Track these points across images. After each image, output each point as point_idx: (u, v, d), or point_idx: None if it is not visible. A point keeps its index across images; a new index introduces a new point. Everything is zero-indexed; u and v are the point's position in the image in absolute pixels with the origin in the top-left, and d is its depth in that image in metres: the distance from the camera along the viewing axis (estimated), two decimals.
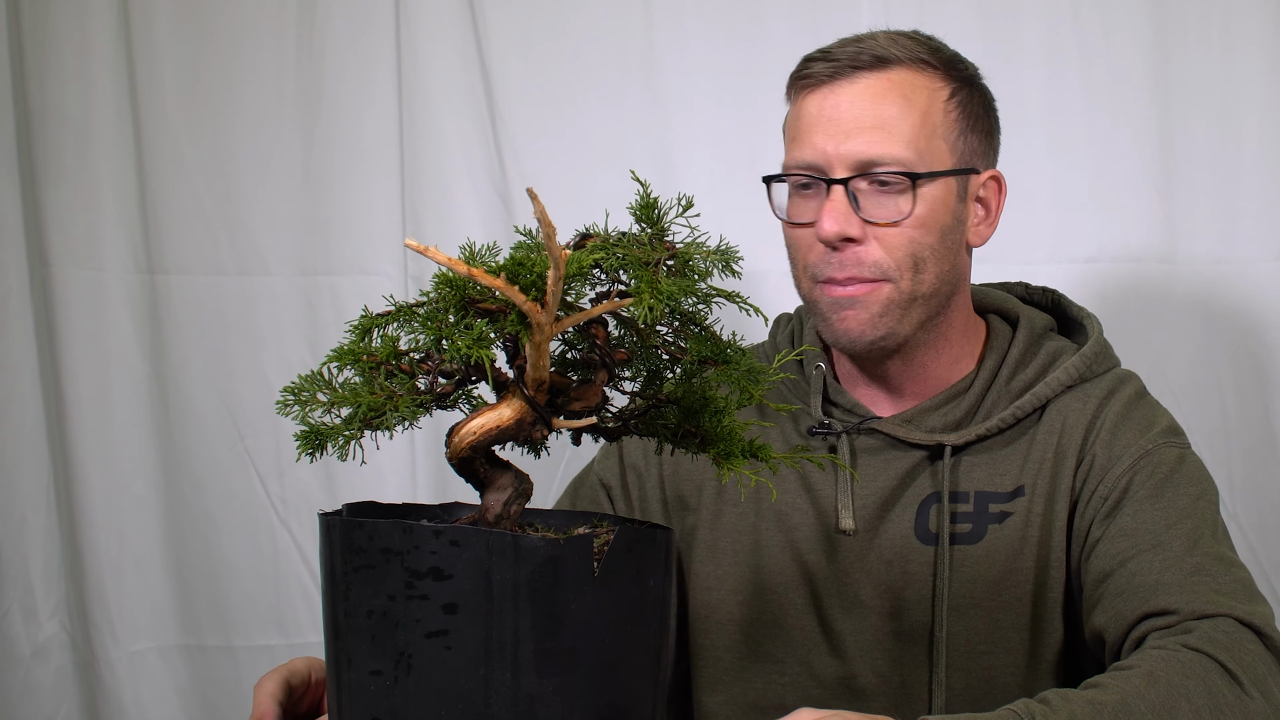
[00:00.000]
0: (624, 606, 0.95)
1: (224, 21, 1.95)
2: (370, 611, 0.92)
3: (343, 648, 0.94)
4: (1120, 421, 1.36)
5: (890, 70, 1.33)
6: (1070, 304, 1.49)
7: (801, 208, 1.36)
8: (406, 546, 0.91)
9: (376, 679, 0.92)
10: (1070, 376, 1.38)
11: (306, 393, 0.94)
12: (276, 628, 2.02)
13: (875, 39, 1.35)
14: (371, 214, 1.97)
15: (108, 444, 1.97)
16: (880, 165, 1.30)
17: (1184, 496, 1.31)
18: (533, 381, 0.93)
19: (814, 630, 1.41)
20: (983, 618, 1.36)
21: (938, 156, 1.33)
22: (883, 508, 1.39)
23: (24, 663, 1.95)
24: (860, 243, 1.31)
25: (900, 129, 1.31)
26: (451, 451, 0.96)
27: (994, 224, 1.41)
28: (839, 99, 1.32)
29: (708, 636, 1.45)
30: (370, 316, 0.96)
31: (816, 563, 1.40)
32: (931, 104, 1.33)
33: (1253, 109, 1.84)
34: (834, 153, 1.31)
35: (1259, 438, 1.87)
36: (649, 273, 0.92)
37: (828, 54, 1.35)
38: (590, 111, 1.94)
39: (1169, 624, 1.20)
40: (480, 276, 0.86)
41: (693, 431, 1.01)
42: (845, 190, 1.31)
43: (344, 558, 0.93)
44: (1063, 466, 1.36)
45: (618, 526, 1.00)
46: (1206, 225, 1.86)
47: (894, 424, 1.39)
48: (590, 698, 0.94)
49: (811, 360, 1.44)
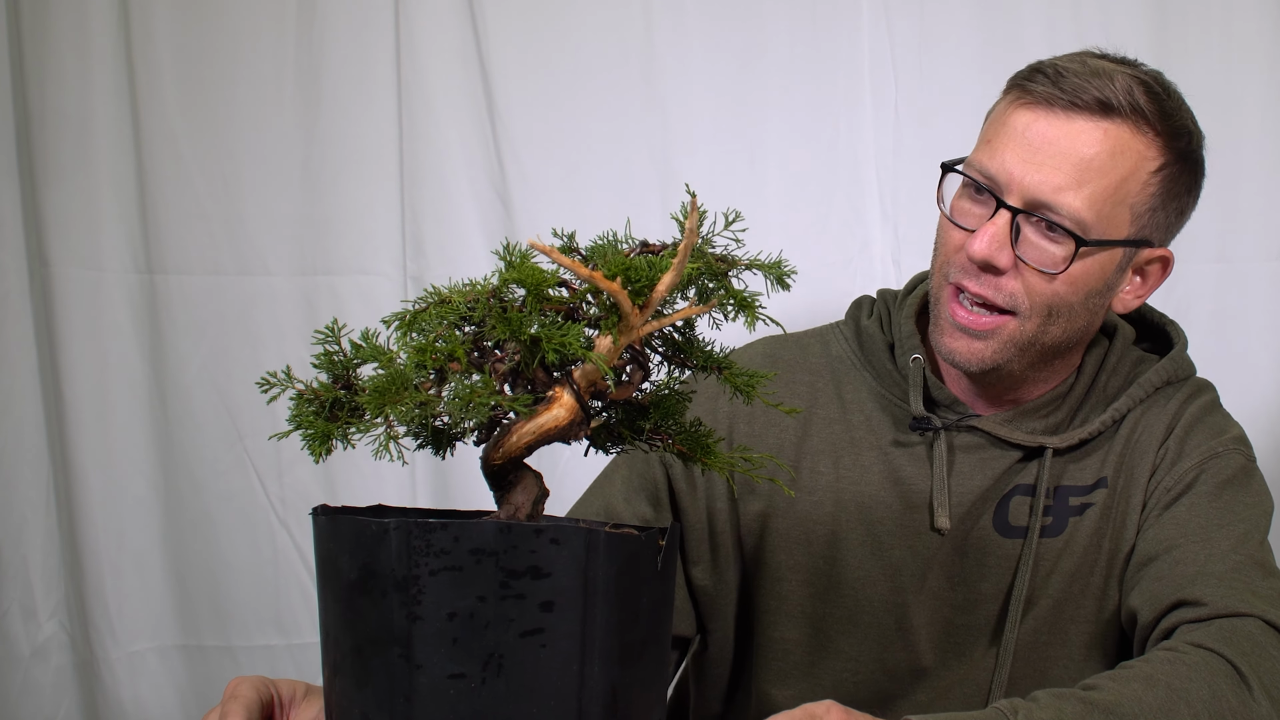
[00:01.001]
0: (668, 599, 1.00)
1: (224, 21, 1.95)
2: (453, 614, 0.91)
3: (406, 654, 0.92)
4: (1195, 424, 1.37)
5: (1110, 120, 1.27)
6: (1152, 311, 1.48)
7: (966, 210, 1.32)
8: (503, 546, 0.91)
9: (458, 682, 0.92)
10: (1160, 379, 1.39)
11: (390, 392, 0.93)
12: (276, 628, 2.02)
13: (1112, 80, 1.27)
14: (371, 214, 1.97)
15: (107, 444, 1.97)
16: (1055, 212, 1.26)
17: (1241, 504, 1.32)
18: (585, 382, 0.95)
19: (890, 627, 1.39)
20: (1049, 609, 1.36)
21: (1116, 224, 1.29)
22: (975, 507, 1.38)
23: (24, 663, 1.95)
24: (1004, 274, 1.29)
25: (1091, 185, 1.26)
26: (504, 451, 0.97)
27: (1144, 298, 1.37)
28: (1045, 128, 1.27)
29: (777, 629, 1.43)
30: (415, 312, 0.95)
31: (901, 558, 1.38)
32: (1136, 171, 1.28)
33: (1253, 109, 1.84)
34: (1018, 179, 1.27)
35: (1260, 438, 1.87)
36: (728, 282, 0.96)
37: (1059, 76, 1.28)
38: (590, 111, 1.94)
39: (1198, 616, 1.21)
40: (600, 281, 0.90)
41: (661, 432, 1.03)
42: (1011, 219, 1.27)
43: (413, 560, 0.91)
44: (1141, 462, 1.36)
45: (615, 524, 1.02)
46: (1206, 225, 1.86)
47: (995, 423, 1.37)
48: (651, 685, 0.98)
49: (907, 351, 1.40)
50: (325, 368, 0.97)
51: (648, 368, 1.00)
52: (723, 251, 0.99)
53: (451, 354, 0.92)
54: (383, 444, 0.93)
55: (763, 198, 1.93)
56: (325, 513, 0.98)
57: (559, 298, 0.94)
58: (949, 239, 1.33)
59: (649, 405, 1.03)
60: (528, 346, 0.92)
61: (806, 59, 1.91)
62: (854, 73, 1.90)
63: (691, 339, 1.02)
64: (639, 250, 0.98)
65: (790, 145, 1.93)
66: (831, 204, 1.92)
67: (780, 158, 1.93)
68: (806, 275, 1.60)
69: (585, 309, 0.94)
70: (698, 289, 0.97)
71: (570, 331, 0.91)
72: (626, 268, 0.91)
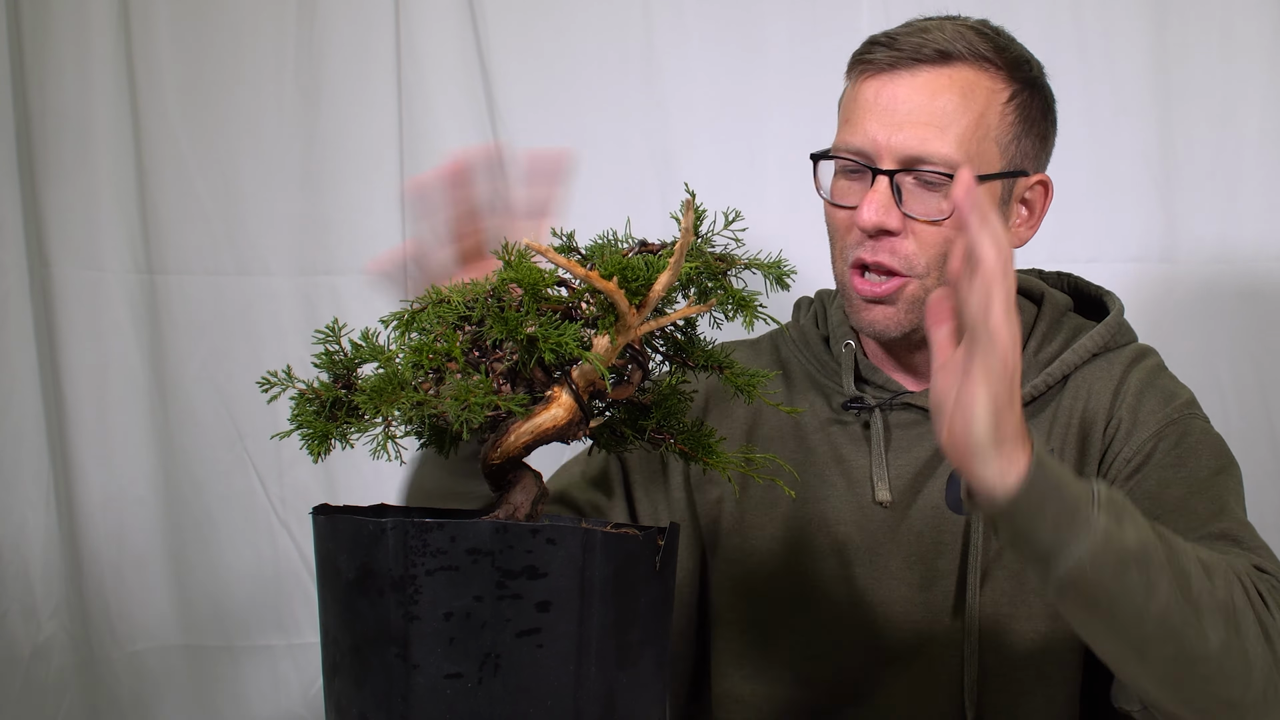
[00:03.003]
0: (668, 599, 1.00)
1: (224, 22, 1.95)
2: (449, 614, 0.91)
3: (403, 654, 0.92)
4: (1144, 389, 1.37)
5: (952, 66, 1.32)
6: (1088, 284, 1.50)
7: (845, 190, 1.36)
8: (499, 546, 0.91)
9: (454, 682, 0.92)
10: (1096, 344, 1.39)
11: (387, 394, 0.93)
12: (276, 628, 2.02)
13: (942, 30, 1.33)
14: (371, 214, 1.97)
15: (107, 444, 1.97)
16: (927, 163, 1.30)
17: (1205, 468, 1.32)
18: (583, 382, 0.95)
19: (844, 603, 1.40)
20: (1008, 579, 1.36)
21: (987, 159, 1.32)
22: (916, 480, 1.39)
23: (24, 663, 1.95)
24: (897, 235, 1.31)
25: (953, 128, 1.30)
26: (502, 451, 0.97)
27: (1035, 227, 1.40)
28: (896, 89, 1.31)
29: (732, 610, 1.45)
30: (412, 311, 0.96)
31: (847, 534, 1.40)
32: (989, 105, 1.32)
33: (1253, 109, 1.84)
34: (884, 143, 1.30)
35: (1259, 438, 1.87)
36: (727, 281, 0.96)
37: (892, 40, 1.33)
38: (590, 112, 1.94)
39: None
40: (596, 280, 0.90)
41: (663, 432, 1.03)
42: (890, 182, 1.30)
43: (410, 560, 0.92)
44: (1092, 430, 1.36)
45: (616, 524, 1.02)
46: (1206, 225, 1.86)
47: (927, 397, 1.39)
48: (649, 686, 0.97)
49: (840, 339, 1.44)
50: (326, 367, 0.98)
51: (648, 367, 1.00)
52: (722, 251, 0.99)
53: (449, 353, 0.92)
54: (380, 444, 0.93)
55: (763, 198, 1.93)
56: (324, 512, 0.98)
57: (558, 297, 0.94)
58: (838, 222, 1.37)
59: (651, 405, 1.03)
60: (524, 346, 0.92)
61: (806, 59, 1.91)
62: None
63: (693, 338, 1.02)
64: (637, 249, 0.98)
65: (790, 145, 1.93)
66: None
67: (780, 158, 1.93)
68: (806, 275, 1.61)
69: (585, 309, 0.94)
70: (697, 288, 0.97)
71: (567, 331, 0.91)
72: (623, 267, 0.91)
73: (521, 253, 0.94)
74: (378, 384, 0.92)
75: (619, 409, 1.04)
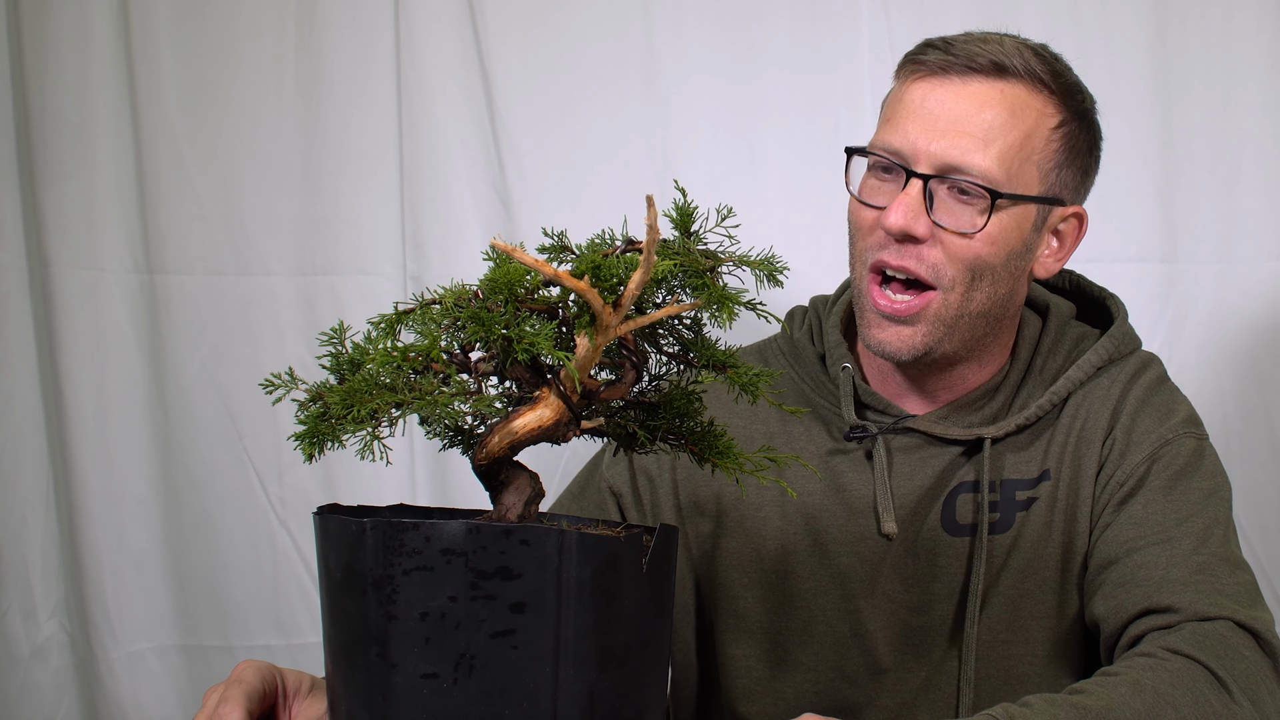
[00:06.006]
0: (660, 602, 0.98)
1: (224, 21, 1.95)
2: (425, 614, 0.91)
3: (383, 653, 0.92)
4: (1141, 407, 1.34)
5: (1005, 81, 1.28)
6: (1091, 284, 1.47)
7: (875, 189, 1.31)
8: (472, 547, 0.90)
9: (430, 682, 0.92)
10: (1100, 358, 1.37)
11: (364, 394, 0.92)
12: (275, 628, 2.02)
13: (1002, 43, 1.29)
14: (371, 214, 1.97)
15: (107, 444, 1.97)
16: (965, 173, 1.26)
17: (1197, 491, 1.30)
18: (571, 383, 0.94)
19: (845, 634, 1.38)
20: (1005, 606, 1.35)
21: (1026, 181, 1.29)
22: (918, 507, 1.36)
23: (24, 663, 1.95)
24: (923, 242, 1.28)
25: (996, 143, 1.26)
26: (488, 452, 0.96)
27: (1064, 260, 1.37)
28: (944, 95, 1.28)
29: (736, 646, 1.42)
30: (397, 313, 0.95)
31: (849, 565, 1.37)
32: (1037, 127, 1.29)
33: (1253, 109, 1.84)
34: (924, 147, 1.27)
35: (1259, 438, 1.87)
36: (712, 279, 0.94)
37: (949, 45, 1.30)
38: (590, 111, 1.94)
39: (1168, 623, 1.20)
40: (565, 279, 0.88)
41: (675, 432, 1.02)
42: (923, 187, 1.27)
43: (389, 560, 0.91)
44: (1088, 450, 1.34)
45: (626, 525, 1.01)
46: (1206, 225, 1.86)
47: (930, 421, 1.36)
48: (637, 689, 0.96)
49: (837, 360, 1.40)
50: (334, 370, 0.97)
51: (640, 367, 0.99)
52: (715, 248, 0.98)
53: (429, 354, 0.92)
54: (367, 444, 0.92)
55: (763, 198, 1.93)
56: (321, 512, 0.98)
57: (544, 297, 0.93)
58: (863, 222, 1.32)
59: (659, 405, 1.02)
60: (502, 347, 0.92)
61: (806, 59, 1.91)
62: (854, 72, 1.90)
63: (700, 338, 1.01)
64: (624, 248, 0.97)
65: (790, 145, 1.93)
66: (831, 204, 1.92)
67: (780, 158, 1.93)
68: (806, 275, 1.62)
69: (569, 309, 0.93)
70: (684, 286, 0.95)
71: (541, 331, 0.90)
72: (595, 266, 0.89)
73: (504, 254, 0.93)
74: (353, 384, 0.92)
75: (624, 408, 1.03)
